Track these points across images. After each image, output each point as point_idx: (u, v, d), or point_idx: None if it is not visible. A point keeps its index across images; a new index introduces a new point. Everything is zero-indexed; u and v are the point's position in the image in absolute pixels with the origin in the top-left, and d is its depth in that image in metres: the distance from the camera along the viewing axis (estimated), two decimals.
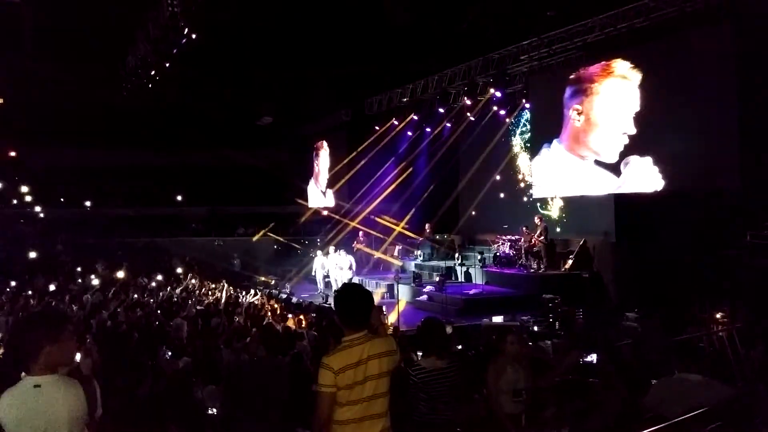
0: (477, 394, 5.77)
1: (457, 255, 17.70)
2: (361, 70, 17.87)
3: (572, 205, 16.00)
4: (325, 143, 24.76)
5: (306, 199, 25.87)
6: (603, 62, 13.51)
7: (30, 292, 13.70)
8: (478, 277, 16.19)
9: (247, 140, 24.99)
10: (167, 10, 14.20)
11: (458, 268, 16.97)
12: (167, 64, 16.94)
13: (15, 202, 24.06)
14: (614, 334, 9.49)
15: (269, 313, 12.57)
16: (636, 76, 12.80)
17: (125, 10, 15.16)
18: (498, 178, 18.29)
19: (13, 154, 24.53)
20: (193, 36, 14.93)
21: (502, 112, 17.56)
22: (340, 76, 18.78)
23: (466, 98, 17.26)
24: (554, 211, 16.85)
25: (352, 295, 3.25)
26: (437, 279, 15.52)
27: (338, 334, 3.34)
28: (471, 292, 14.72)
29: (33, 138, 22.84)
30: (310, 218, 24.69)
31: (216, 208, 26.40)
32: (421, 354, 4.95)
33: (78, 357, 2.92)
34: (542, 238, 14.96)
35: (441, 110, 18.48)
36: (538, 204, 16.98)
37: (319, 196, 24.96)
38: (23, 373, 2.65)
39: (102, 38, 16.62)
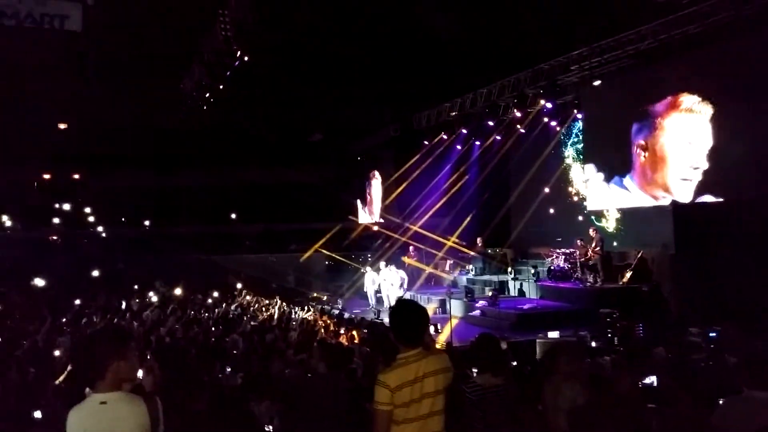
0: (533, 412, 5.64)
1: (509, 269, 17.45)
2: (409, 85, 17.96)
3: (628, 216, 15.58)
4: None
5: (357, 215, 26.05)
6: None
7: (92, 310, 14.21)
8: (532, 292, 15.91)
9: (298, 158, 25.41)
10: (221, 34, 14.63)
11: (511, 283, 16.72)
12: (221, 87, 17.42)
13: (79, 222, 25.08)
14: (677, 349, 9.14)
15: (322, 329, 12.67)
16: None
17: (181, 36, 15.70)
18: (549, 190, 18.01)
19: (76, 176, 25.64)
20: (246, 58, 15.32)
21: (553, 124, 17.32)
22: (389, 92, 18.91)
23: (515, 110, 17.11)
24: (610, 223, 16.45)
25: (407, 311, 3.24)
26: (490, 294, 15.31)
27: (389, 351, 3.34)
28: (525, 306, 14.47)
29: (95, 161, 23.83)
30: (360, 234, 24.83)
31: (269, 226, 26.87)
32: (476, 371, 4.88)
33: (140, 374, 3.01)
34: (598, 250, 14.61)
35: (490, 123, 18.36)
36: (593, 216, 16.61)
37: (368, 218, 25.16)
38: (87, 390, 2.73)
39: (159, 63, 17.24)
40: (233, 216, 27.85)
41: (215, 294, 18.39)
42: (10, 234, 24.05)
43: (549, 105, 16.13)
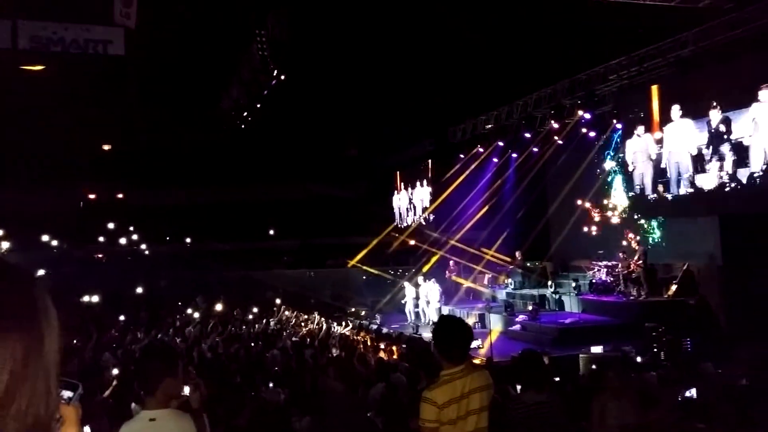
0: (578, 429, 5.51)
1: (550, 282, 17.19)
2: (444, 98, 17.98)
3: (673, 227, 15.20)
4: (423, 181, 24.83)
5: (394, 229, 26.02)
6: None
7: (136, 326, 14.50)
8: (573, 306, 15.63)
9: (334, 173, 25.62)
10: (257, 54, 14.91)
11: (552, 296, 16.46)
12: (258, 105, 17.72)
13: (123, 240, 25.71)
14: (727, 366, 8.84)
15: (361, 345, 12.66)
16: None
17: (219, 57, 16.07)
18: (590, 201, 17.71)
19: (120, 195, 26.34)
20: (282, 77, 15.57)
21: (592, 134, 17.06)
22: (423, 106, 18.96)
23: (552, 122, 16.94)
24: (653, 234, 16.06)
25: (451, 327, 3.23)
26: (530, 308, 15.12)
27: (430, 367, 3.32)
28: (567, 321, 14.22)
29: (137, 180, 24.46)
30: (398, 248, 24.80)
31: (306, 241, 27.09)
32: (519, 387, 4.81)
33: (187, 390, 3.04)
34: (641, 263, 14.28)
35: (527, 135, 18.20)
36: (636, 227, 16.25)
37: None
38: (134, 405, 2.77)
39: (198, 84, 17.66)
40: (271, 232, 28.17)
41: (255, 309, 18.57)
42: (58, 252, 24.77)
43: (587, 115, 15.92)
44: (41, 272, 19.77)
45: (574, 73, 15.89)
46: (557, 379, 8.82)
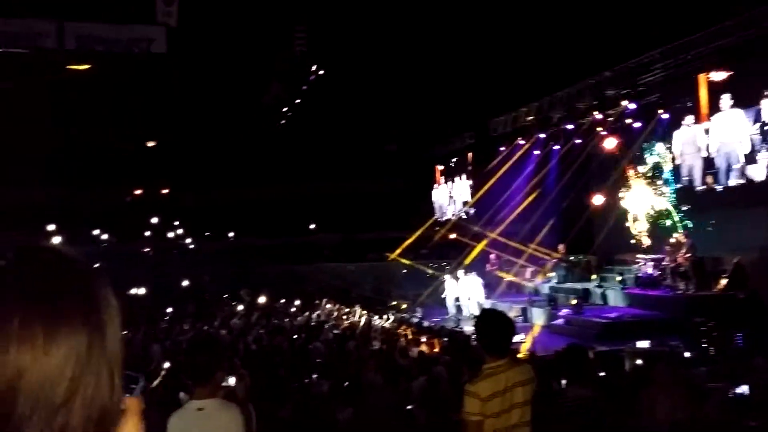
0: (624, 425, 5.40)
1: (594, 276, 16.86)
2: (484, 91, 17.81)
3: (722, 219, 14.73)
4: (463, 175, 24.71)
5: (434, 223, 25.93)
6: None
7: (183, 318, 14.84)
8: (618, 300, 15.31)
9: (374, 168, 25.66)
10: (296, 50, 15.05)
11: (596, 290, 16.15)
12: (297, 101, 17.90)
13: (169, 235, 26.32)
14: None
15: (402, 338, 12.67)
16: None
17: (258, 53, 16.27)
18: (635, 193, 17.28)
19: (165, 191, 26.95)
20: (321, 72, 15.69)
21: (637, 125, 16.65)
22: (463, 99, 18.83)
23: (596, 113, 16.59)
24: (700, 226, 15.60)
25: (494, 321, 3.21)
26: (574, 302, 14.87)
27: (472, 361, 3.31)
28: (611, 315, 13.94)
29: (181, 176, 24.98)
30: (438, 242, 24.71)
31: (347, 235, 27.22)
32: (564, 382, 4.74)
33: (232, 381, 3.10)
34: (689, 256, 13.87)
35: (569, 127, 17.88)
36: (683, 219, 15.81)
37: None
38: (181, 394, 2.83)
39: (239, 80, 17.92)
40: (312, 226, 28.42)
41: (297, 303, 18.79)
42: (107, 247, 25.51)
43: (632, 106, 15.54)
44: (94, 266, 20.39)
45: (618, 63, 15.52)
46: (602, 374, 8.67)
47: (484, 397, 3.00)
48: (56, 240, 22.06)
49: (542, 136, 19.23)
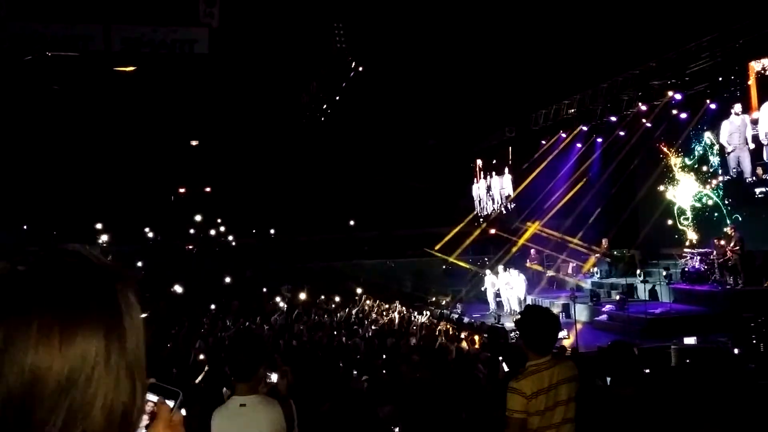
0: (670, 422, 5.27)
1: (638, 271, 16.48)
2: (524, 83, 17.55)
3: None
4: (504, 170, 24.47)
5: (474, 218, 25.76)
6: None
7: (226, 314, 15.09)
8: (663, 295, 14.95)
9: (413, 163, 25.59)
10: (335, 46, 15.10)
11: (640, 286, 15.79)
12: (337, 97, 17.97)
13: (212, 232, 26.82)
14: None
15: (442, 334, 12.63)
16: None
17: (298, 51, 16.37)
18: (681, 186, 16.83)
19: (208, 189, 27.45)
20: (360, 69, 15.70)
21: (683, 116, 16.18)
22: (503, 93, 18.60)
23: (640, 104, 16.18)
24: (749, 219, 15.09)
25: (539, 318, 3.15)
26: (617, 297, 14.58)
27: (514, 357, 3.27)
28: (657, 311, 13.62)
29: (223, 174, 25.41)
30: (478, 237, 24.54)
31: (386, 231, 27.25)
32: (609, 380, 4.65)
33: (275, 377, 3.13)
34: (737, 249, 13.44)
35: (613, 119, 17.49)
36: (731, 212, 15.32)
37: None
38: (224, 389, 2.87)
39: (278, 78, 18.08)
40: (351, 223, 28.54)
41: (337, 299, 18.91)
42: (152, 244, 26.14)
43: (678, 96, 15.10)
44: (139, 264, 20.95)
45: (663, 53, 15.08)
46: (647, 371, 8.48)
47: (528, 394, 2.96)
48: (104, 237, 22.75)
49: (585, 128, 18.88)
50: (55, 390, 0.78)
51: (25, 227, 22.76)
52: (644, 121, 16.78)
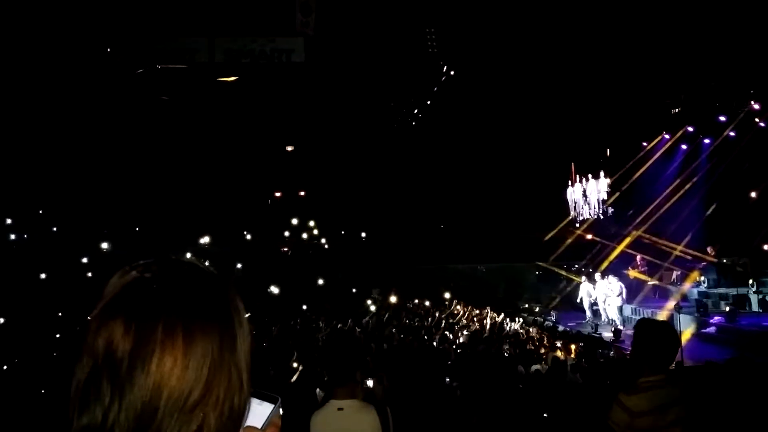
0: None
1: (751, 281, 15.36)
2: (623, 81, 16.82)
3: None
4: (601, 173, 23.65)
5: (569, 223, 24.95)
6: None
7: (318, 316, 15.42)
8: None
9: (507, 165, 25.12)
10: (427, 51, 15.10)
11: (753, 297, 14.72)
12: (428, 102, 17.96)
13: (305, 235, 27.54)
14: None
15: (536, 342, 12.32)
16: None
17: (390, 56, 16.50)
18: None
19: (302, 193, 28.21)
20: (451, 73, 15.62)
21: None
22: (600, 90, 17.90)
23: (753, 102, 15.11)
24: None
25: (658, 332, 2.98)
26: (727, 309, 13.67)
27: (620, 373, 3.10)
28: None
29: (317, 178, 26.02)
30: (574, 243, 23.73)
31: (478, 235, 26.86)
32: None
33: (371, 383, 3.14)
34: None
35: (722, 118, 16.43)
36: None
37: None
38: (318, 390, 2.91)
39: (370, 83, 18.29)
40: (441, 226, 28.38)
41: (426, 303, 18.87)
42: (250, 246, 27.15)
43: None
44: (239, 265, 21.84)
45: None
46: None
47: (636, 411, 2.80)
48: (205, 239, 23.89)
49: (691, 129, 17.86)
50: (177, 388, 0.85)
51: (137, 229, 24.27)
52: (757, 120, 15.66)
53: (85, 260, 19.54)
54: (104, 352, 0.86)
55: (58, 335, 12.09)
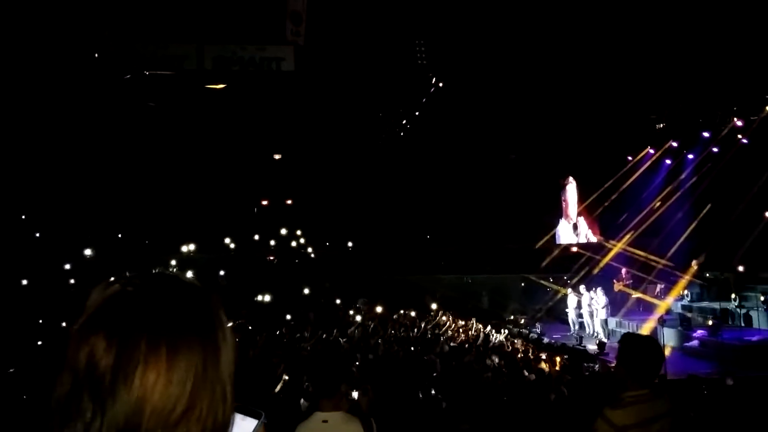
0: None
1: (733, 295, 15.52)
2: (610, 97, 17.00)
3: None
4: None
5: (554, 235, 25.12)
6: None
7: (303, 325, 15.33)
8: (762, 321, 14.02)
9: (493, 177, 25.23)
10: (416, 62, 15.18)
11: (736, 311, 14.87)
12: (416, 113, 18.03)
13: (293, 244, 27.43)
14: None
15: (520, 354, 12.34)
16: None
17: (378, 67, 16.57)
18: None
19: (289, 202, 28.13)
20: (440, 84, 15.70)
21: None
22: (587, 106, 18.07)
23: (735, 119, 15.34)
24: None
25: (643, 346, 3.00)
26: (710, 323, 13.79)
27: (607, 386, 3.11)
28: (754, 338, 12.78)
29: (303, 187, 25.98)
30: (559, 255, 23.85)
31: (463, 246, 26.93)
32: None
33: (356, 395, 3.12)
34: None
35: (705, 134, 16.66)
36: None
37: (570, 231, 24.05)
38: (302, 401, 2.88)
39: (357, 93, 18.34)
40: (428, 237, 28.42)
41: (412, 313, 18.83)
42: (235, 254, 26.98)
43: None
44: (221, 273, 21.69)
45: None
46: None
47: (620, 426, 2.81)
48: (190, 247, 23.72)
49: (675, 144, 18.08)
50: (160, 402, 0.84)
51: (120, 236, 24.04)
52: (740, 137, 15.89)
53: (68, 267, 19.31)
54: (86, 366, 0.85)
55: (39, 342, 11.92)
